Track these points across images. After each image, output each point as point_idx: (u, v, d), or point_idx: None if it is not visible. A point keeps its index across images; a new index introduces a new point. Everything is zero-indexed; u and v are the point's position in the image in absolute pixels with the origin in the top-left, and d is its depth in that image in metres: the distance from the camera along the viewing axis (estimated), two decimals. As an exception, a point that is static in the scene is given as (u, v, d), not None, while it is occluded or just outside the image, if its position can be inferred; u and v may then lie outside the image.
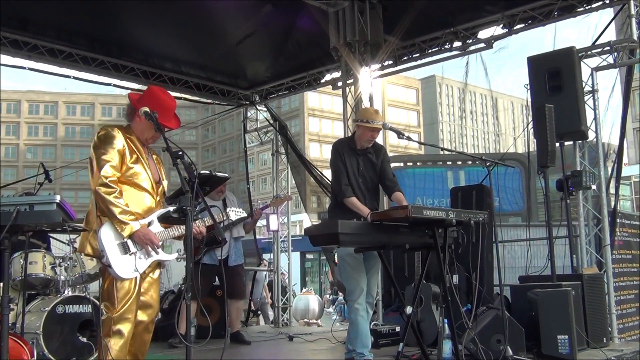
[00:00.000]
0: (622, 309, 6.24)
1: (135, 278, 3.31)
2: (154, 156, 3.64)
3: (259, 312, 9.23)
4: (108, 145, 3.32)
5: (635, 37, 6.14)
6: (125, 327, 3.25)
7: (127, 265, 3.25)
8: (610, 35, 6.64)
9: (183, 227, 3.40)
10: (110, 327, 3.22)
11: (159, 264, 3.53)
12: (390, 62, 8.03)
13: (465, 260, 5.61)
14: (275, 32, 8.08)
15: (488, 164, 4.63)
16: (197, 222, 3.45)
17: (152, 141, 3.57)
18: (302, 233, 10.72)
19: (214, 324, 6.55)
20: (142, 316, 3.40)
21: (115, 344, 3.21)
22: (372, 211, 4.34)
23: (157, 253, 3.36)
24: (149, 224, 3.37)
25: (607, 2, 6.47)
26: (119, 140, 3.36)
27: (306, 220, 12.91)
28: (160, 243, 3.38)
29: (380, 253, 4.55)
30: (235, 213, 4.14)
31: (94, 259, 4.89)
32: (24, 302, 4.74)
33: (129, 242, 3.27)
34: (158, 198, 3.54)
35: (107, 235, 3.22)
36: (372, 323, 5.70)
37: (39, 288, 5.24)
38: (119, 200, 3.22)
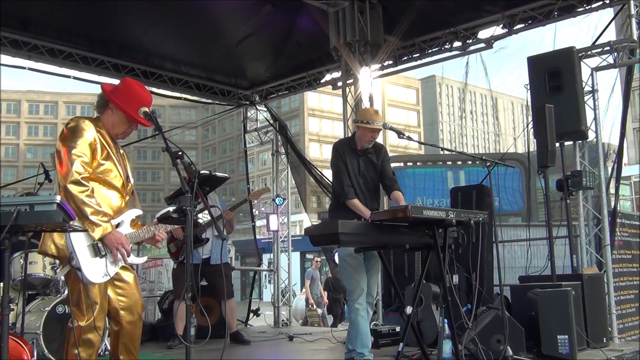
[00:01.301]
0: (622, 309, 6.23)
1: (105, 284, 3.15)
2: (122, 152, 3.44)
3: (259, 312, 9.21)
4: (79, 138, 3.12)
5: (635, 37, 6.15)
6: (96, 336, 3.12)
7: (97, 269, 3.08)
8: (610, 35, 6.65)
9: (153, 229, 3.32)
10: (80, 336, 3.07)
11: (130, 267, 3.36)
12: (390, 62, 8.03)
13: (465, 260, 5.61)
14: (275, 32, 8.08)
15: (488, 164, 4.63)
16: (157, 226, 3.31)
17: (122, 136, 3.40)
18: (302, 233, 10.73)
19: (214, 324, 6.55)
20: (128, 317, 3.29)
21: (84, 353, 3.08)
22: (372, 211, 4.34)
23: (125, 258, 3.16)
24: (118, 224, 3.23)
25: (607, 2, 6.47)
26: (90, 133, 3.16)
27: (306, 220, 12.92)
28: (130, 246, 3.20)
29: (380, 253, 4.56)
30: (203, 216, 3.94)
31: (57, 262, 4.59)
32: (24, 302, 4.74)
33: (100, 244, 3.11)
34: (127, 197, 3.38)
35: (76, 237, 3.05)
36: (372, 323, 5.70)
37: (39, 288, 5.24)
38: (91, 199, 3.05)
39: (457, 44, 7.59)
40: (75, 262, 3.05)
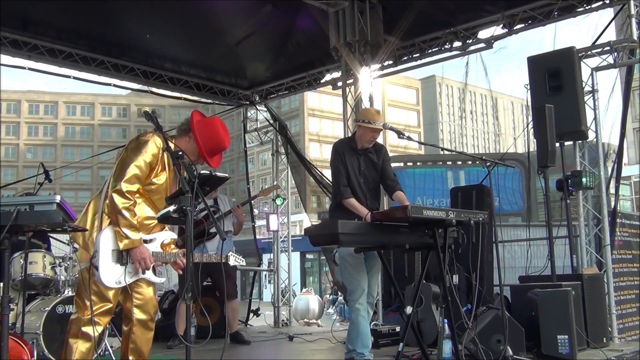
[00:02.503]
0: (622, 309, 6.23)
1: (117, 289, 3.24)
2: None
3: (259, 312, 9.21)
4: (142, 155, 3.24)
5: (635, 37, 6.15)
6: (95, 330, 3.18)
7: (113, 274, 3.19)
8: (610, 35, 6.65)
9: (181, 254, 3.41)
10: (80, 328, 3.15)
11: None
12: (390, 62, 8.03)
13: (465, 260, 5.61)
14: (275, 32, 8.08)
15: (488, 164, 4.63)
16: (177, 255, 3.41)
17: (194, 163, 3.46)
18: (302, 233, 10.72)
19: (214, 324, 6.55)
20: (139, 314, 3.35)
21: (82, 346, 3.15)
22: (372, 211, 4.34)
23: (144, 272, 3.27)
24: (150, 240, 3.33)
25: (607, 2, 6.47)
26: (155, 152, 3.27)
27: (306, 220, 12.91)
28: (151, 265, 3.29)
29: (380, 253, 4.55)
30: (236, 259, 4.00)
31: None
32: (24, 302, 4.74)
33: (124, 253, 3.22)
34: None
35: (106, 239, 3.18)
36: (372, 323, 5.70)
37: (39, 288, 5.24)
38: (129, 212, 3.17)
39: (457, 44, 7.60)
40: (95, 260, 3.14)
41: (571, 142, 6.34)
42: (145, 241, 3.29)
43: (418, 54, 7.96)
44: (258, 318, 9.25)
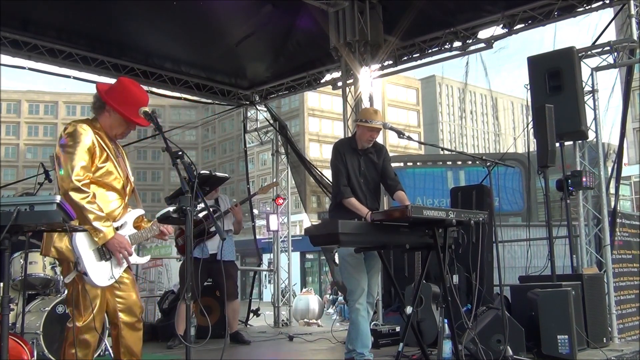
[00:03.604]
0: (622, 309, 6.23)
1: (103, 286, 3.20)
2: (121, 151, 3.45)
3: (259, 312, 9.22)
4: (77, 144, 3.14)
5: (635, 37, 6.15)
6: (92, 337, 3.16)
7: (103, 272, 3.14)
8: (610, 35, 6.65)
9: (155, 227, 3.36)
10: (77, 336, 3.11)
11: (129, 267, 3.39)
12: (390, 62, 8.03)
13: (465, 260, 5.61)
14: (275, 32, 8.08)
15: (488, 164, 4.63)
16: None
17: (121, 137, 3.42)
18: (302, 233, 10.73)
19: (214, 324, 6.55)
20: (126, 318, 3.30)
21: (80, 353, 3.12)
22: (372, 211, 4.34)
23: (128, 260, 3.22)
24: (121, 226, 3.26)
25: (607, 2, 6.47)
26: (88, 137, 3.18)
27: (306, 220, 12.91)
28: (133, 247, 3.25)
29: (380, 253, 4.56)
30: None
31: (56, 264, 4.82)
32: (24, 302, 4.74)
33: (104, 248, 3.16)
34: (128, 198, 3.41)
35: (82, 241, 3.09)
36: (372, 323, 5.70)
37: (39, 288, 5.24)
38: (92, 205, 3.09)
39: (457, 44, 7.60)
40: (81, 266, 3.08)
41: (571, 142, 6.34)
42: (117, 228, 3.23)
43: (418, 54, 7.96)
44: (258, 318, 9.26)
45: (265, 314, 9.46)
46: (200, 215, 3.47)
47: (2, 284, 3.28)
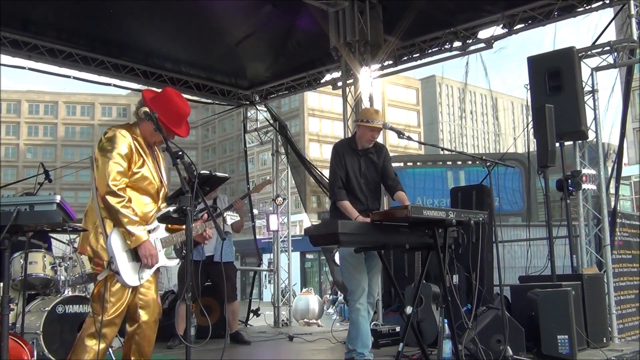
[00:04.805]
0: (622, 309, 6.23)
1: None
2: (157, 154, 3.56)
3: (259, 312, 9.21)
4: (115, 149, 3.25)
5: (635, 37, 6.15)
6: (112, 331, 3.25)
7: (133, 273, 3.26)
8: (610, 35, 6.65)
9: (199, 227, 3.46)
10: (99, 329, 3.18)
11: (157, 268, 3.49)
12: (390, 62, 8.03)
13: (465, 260, 5.61)
14: (275, 32, 8.08)
15: (488, 164, 4.63)
16: (203, 225, 3.48)
17: (158, 144, 3.51)
18: (302, 233, 10.74)
19: (214, 324, 6.54)
20: (145, 316, 3.38)
21: (98, 346, 3.18)
22: (373, 211, 4.33)
23: (154, 265, 3.32)
24: (154, 229, 3.36)
25: (607, 2, 6.47)
26: (127, 143, 3.30)
27: (306, 220, 12.91)
28: (163, 250, 3.36)
29: (381, 253, 4.55)
30: (231, 217, 4.09)
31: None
32: (24, 302, 4.74)
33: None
34: (160, 202, 3.51)
35: (116, 242, 3.21)
36: (372, 323, 5.70)
37: (39, 288, 5.23)
38: (127, 209, 3.20)
39: (457, 44, 7.60)
40: (114, 266, 3.19)
41: (571, 142, 6.34)
42: (150, 231, 3.32)
43: (418, 54, 7.97)
44: (258, 318, 9.26)
45: (265, 314, 9.46)
46: (201, 215, 3.49)
47: (2, 284, 3.29)
